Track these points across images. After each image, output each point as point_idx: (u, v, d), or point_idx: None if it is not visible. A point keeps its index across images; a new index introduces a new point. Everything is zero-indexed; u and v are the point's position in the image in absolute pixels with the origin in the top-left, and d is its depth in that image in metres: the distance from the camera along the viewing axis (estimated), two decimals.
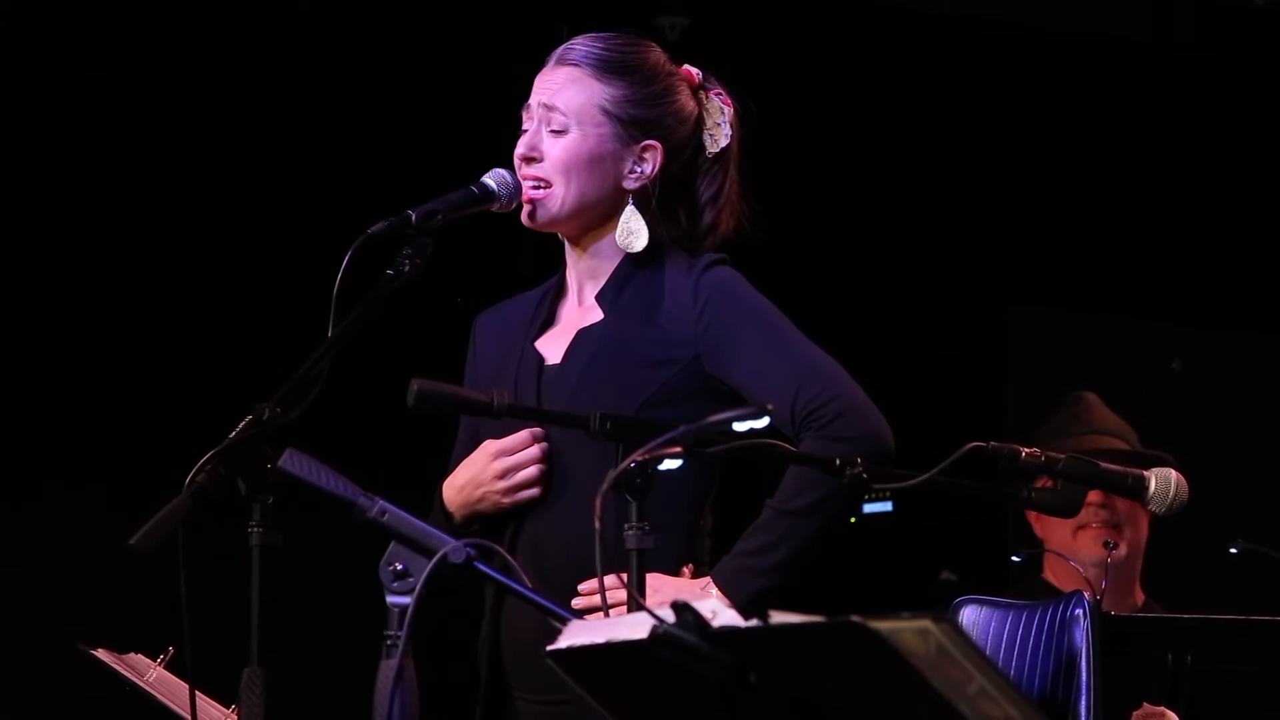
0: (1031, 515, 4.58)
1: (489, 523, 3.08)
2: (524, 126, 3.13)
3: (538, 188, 3.08)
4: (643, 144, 3.10)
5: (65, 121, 4.88)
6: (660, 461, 2.56)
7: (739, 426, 2.48)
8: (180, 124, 4.95)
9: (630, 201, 3.11)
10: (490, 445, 3.07)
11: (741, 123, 3.18)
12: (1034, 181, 6.08)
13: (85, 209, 4.87)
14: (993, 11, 5.92)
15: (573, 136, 3.08)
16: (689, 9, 5.34)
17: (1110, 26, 6.01)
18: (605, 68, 3.10)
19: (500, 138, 3.24)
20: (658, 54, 3.16)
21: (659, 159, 3.11)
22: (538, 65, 3.19)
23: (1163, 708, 3.41)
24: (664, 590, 2.86)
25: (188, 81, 4.96)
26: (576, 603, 2.94)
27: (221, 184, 4.96)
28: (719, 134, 3.16)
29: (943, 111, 5.91)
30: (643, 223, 3.10)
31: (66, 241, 4.85)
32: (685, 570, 3.03)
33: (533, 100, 3.12)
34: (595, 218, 3.12)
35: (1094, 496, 4.39)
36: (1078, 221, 6.12)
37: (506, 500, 3.06)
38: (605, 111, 3.09)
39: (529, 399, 3.08)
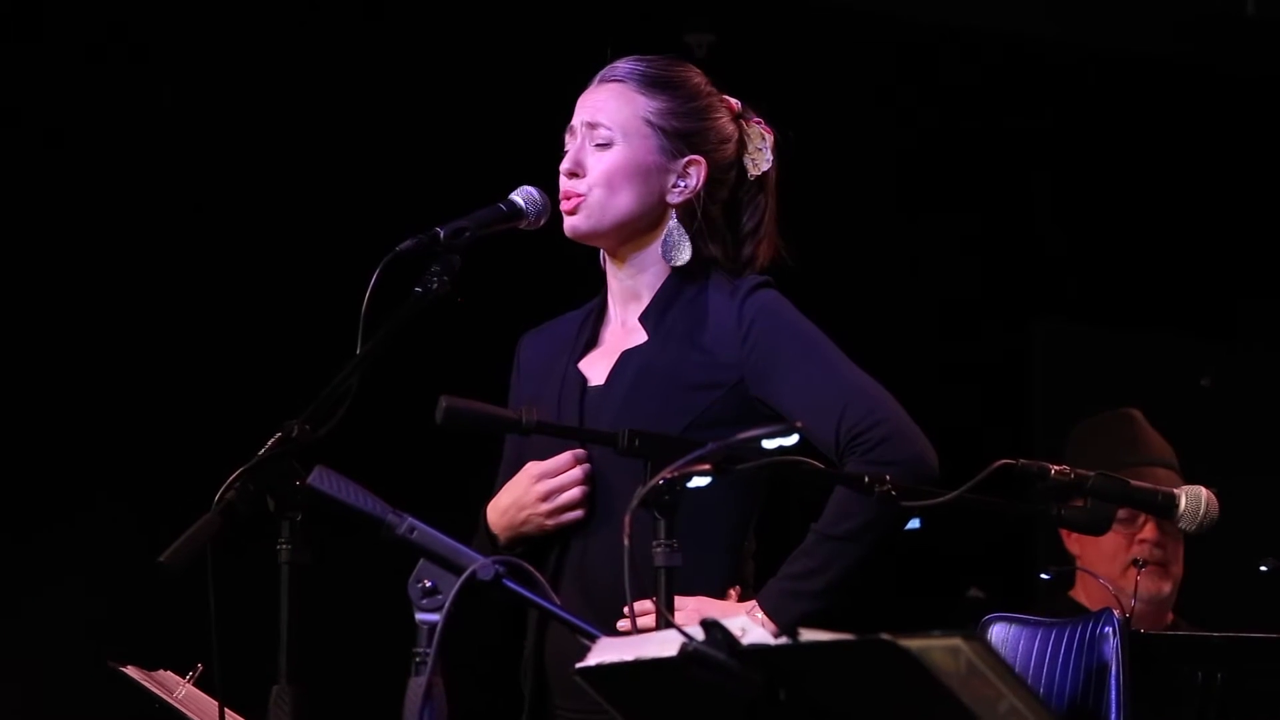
0: (1072, 538, 4.56)
1: (534, 545, 3.08)
2: (566, 148, 3.14)
3: (575, 199, 3.09)
4: (687, 158, 3.12)
5: (97, 137, 4.89)
6: (689, 479, 2.56)
7: (768, 444, 2.48)
8: (208, 143, 4.96)
9: (674, 216, 3.12)
10: (533, 467, 3.07)
11: (780, 155, 3.20)
12: (1061, 196, 6.06)
13: (116, 230, 4.88)
14: (1021, 26, 5.91)
15: (617, 149, 3.10)
16: (715, 26, 5.34)
17: (1143, 41, 6.00)
18: (648, 82, 3.13)
19: (529, 155, 3.25)
20: (700, 76, 3.19)
21: (703, 174, 3.12)
22: (566, 82, 3.20)
23: None
24: (705, 613, 2.85)
25: (217, 102, 4.97)
26: (623, 625, 2.93)
27: (250, 203, 4.97)
28: (760, 159, 3.18)
29: (969, 125, 5.90)
30: (686, 237, 3.11)
31: (100, 265, 4.86)
32: (732, 593, 3.02)
33: (575, 121, 3.14)
34: (637, 231, 3.13)
35: (1149, 533, 4.38)
36: (1105, 236, 6.11)
37: (550, 522, 3.05)
38: (649, 123, 3.11)
39: (572, 420, 3.08)
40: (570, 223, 3.11)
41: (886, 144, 5.80)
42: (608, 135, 3.10)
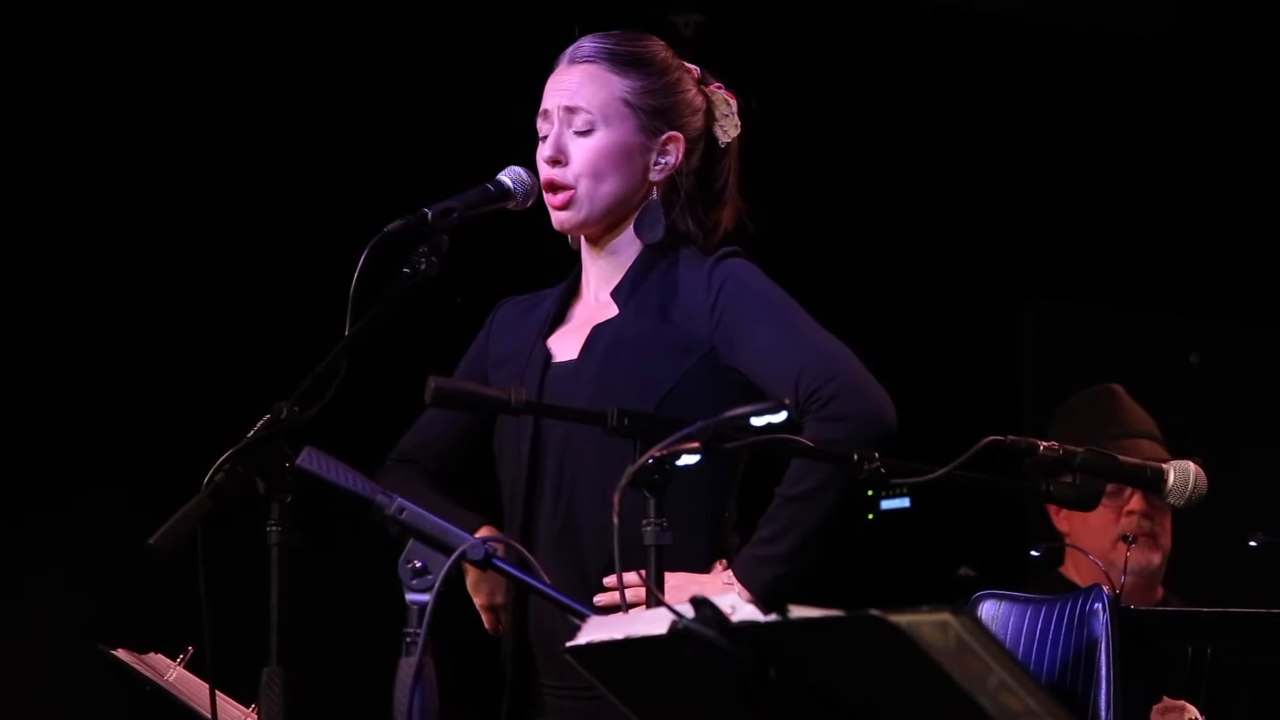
0: (1061, 515, 4.57)
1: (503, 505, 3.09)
2: (542, 134, 3.12)
3: (563, 194, 3.09)
4: (665, 135, 3.11)
5: (82, 117, 4.88)
6: (678, 457, 2.56)
7: (757, 421, 2.48)
8: (194, 122, 4.95)
9: (655, 193, 3.12)
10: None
11: (741, 118, 3.19)
12: (1052, 175, 6.06)
13: (102, 218, 4.87)
14: (1010, 4, 5.91)
15: (599, 134, 3.09)
16: (703, 6, 5.34)
17: (1131, 20, 5.99)
18: (620, 61, 3.11)
19: (515, 136, 3.24)
20: (663, 47, 3.18)
21: (681, 149, 3.12)
22: (550, 62, 3.19)
23: (1183, 701, 3.40)
24: (687, 589, 2.85)
25: (206, 80, 4.96)
26: (599, 599, 2.94)
27: (238, 184, 4.96)
28: (729, 125, 3.18)
29: (960, 105, 5.90)
30: (663, 213, 3.11)
31: (87, 253, 4.85)
32: (717, 566, 3.02)
33: (549, 105, 3.12)
34: (623, 214, 3.12)
35: (1136, 505, 4.39)
36: (1096, 215, 6.11)
37: None
38: (627, 104, 3.10)
39: (532, 395, 3.07)
40: (559, 217, 3.10)
41: (876, 123, 5.79)
42: (588, 120, 3.09)
